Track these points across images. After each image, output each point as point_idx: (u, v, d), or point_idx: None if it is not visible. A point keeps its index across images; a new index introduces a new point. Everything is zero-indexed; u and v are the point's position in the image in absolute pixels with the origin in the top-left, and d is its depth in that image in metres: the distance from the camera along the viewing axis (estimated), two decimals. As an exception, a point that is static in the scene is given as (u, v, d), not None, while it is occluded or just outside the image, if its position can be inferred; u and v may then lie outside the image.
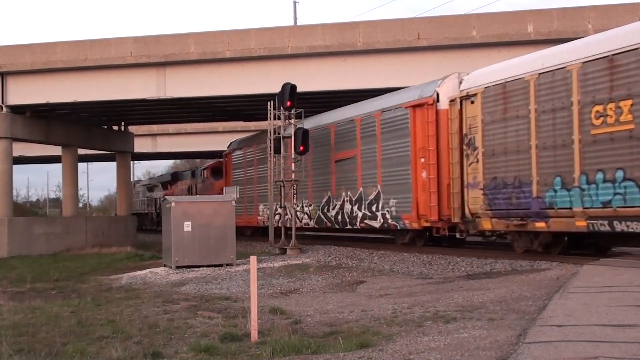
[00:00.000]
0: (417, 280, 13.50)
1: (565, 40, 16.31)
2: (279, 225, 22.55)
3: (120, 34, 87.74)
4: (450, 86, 16.67)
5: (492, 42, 22.38)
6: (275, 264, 17.81)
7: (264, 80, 24.56)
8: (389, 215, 18.60)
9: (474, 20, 22.92)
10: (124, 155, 37.19)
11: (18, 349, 8.32)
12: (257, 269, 9.38)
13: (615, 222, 12.08)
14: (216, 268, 17.80)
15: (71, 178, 34.58)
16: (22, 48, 27.18)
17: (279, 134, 22.00)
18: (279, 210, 22.53)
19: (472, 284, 11.71)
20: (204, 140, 46.81)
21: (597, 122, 12.36)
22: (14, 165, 30.72)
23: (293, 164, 21.58)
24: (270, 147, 22.41)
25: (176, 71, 25.75)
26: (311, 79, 24.08)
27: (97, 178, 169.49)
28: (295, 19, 42.51)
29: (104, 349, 8.15)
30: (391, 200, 18.49)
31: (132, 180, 63.82)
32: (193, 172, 43.01)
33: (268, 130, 22.68)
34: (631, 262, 12.19)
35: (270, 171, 22.58)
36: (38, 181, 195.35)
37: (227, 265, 18.13)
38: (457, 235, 16.65)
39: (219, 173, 35.37)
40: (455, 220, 16.06)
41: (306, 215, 23.51)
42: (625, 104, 11.86)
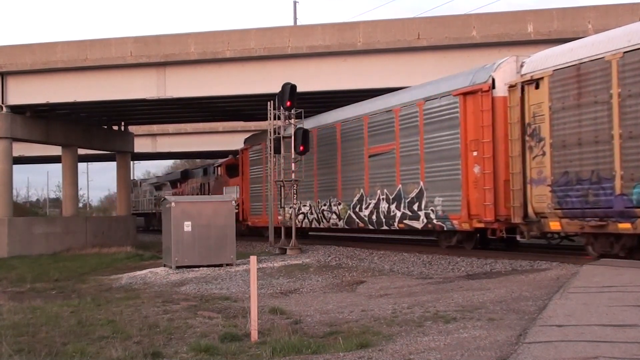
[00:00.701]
0: (417, 280, 13.50)
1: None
2: (302, 225, 21.88)
3: (120, 34, 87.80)
4: (507, 70, 15.07)
5: (492, 42, 22.38)
6: (275, 264, 17.81)
7: (264, 80, 24.57)
8: (433, 215, 16.93)
9: (474, 20, 22.93)
10: (124, 155, 37.21)
11: (18, 349, 8.32)
12: (257, 269, 9.38)
13: None
14: (216, 268, 17.80)
15: (71, 178, 34.59)
16: (22, 48, 27.19)
17: (279, 134, 22.01)
18: (302, 209, 21.80)
19: (472, 284, 11.71)
20: (204, 140, 46.83)
21: None
22: (14, 165, 30.73)
23: (293, 164, 21.56)
24: (270, 147, 22.40)
25: (176, 71, 25.76)
26: (311, 79, 24.08)
27: (97, 178, 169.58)
28: (295, 19, 42.54)
29: (104, 349, 8.14)
30: (436, 198, 16.85)
31: (139, 179, 63.54)
32: (205, 170, 40.79)
33: (268, 130, 22.66)
34: (631, 262, 12.18)
35: (271, 171, 22.56)
36: (38, 181, 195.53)
37: (227, 265, 18.13)
38: (518, 237, 14.91)
39: (234, 170, 33.48)
40: (516, 220, 14.40)
41: (334, 215, 21.71)
42: None
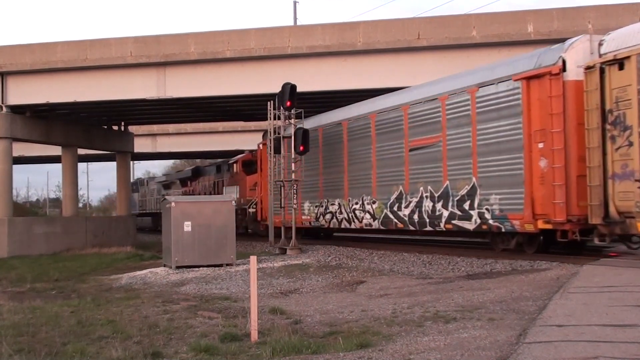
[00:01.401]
0: (417, 280, 13.50)
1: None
2: (329, 225, 21.08)
3: (120, 34, 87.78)
4: (580, 50, 13.50)
5: (492, 42, 22.40)
6: (275, 264, 17.81)
7: (264, 80, 24.57)
8: (489, 215, 15.19)
9: (474, 20, 22.93)
10: (124, 155, 37.22)
11: (18, 349, 8.32)
12: (257, 269, 9.38)
13: None
14: (216, 268, 17.79)
15: (71, 178, 34.62)
16: (22, 48, 27.20)
17: (278, 134, 22.01)
18: (330, 208, 20.96)
19: (472, 284, 11.71)
20: (204, 140, 46.86)
21: None
22: (14, 165, 30.75)
23: (293, 164, 21.54)
24: (270, 147, 22.39)
25: (176, 71, 25.76)
26: (311, 79, 24.09)
27: (97, 178, 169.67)
28: (295, 19, 42.55)
29: (104, 349, 8.14)
30: (492, 195, 15.10)
31: (145, 177, 62.94)
32: (219, 167, 38.52)
33: (268, 130, 22.65)
34: (631, 262, 12.19)
35: (271, 171, 22.54)
36: (38, 181, 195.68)
37: (227, 265, 18.13)
38: (596, 240, 13.05)
39: (251, 167, 31.79)
40: (594, 221, 12.68)
41: (368, 215, 19.87)
42: None
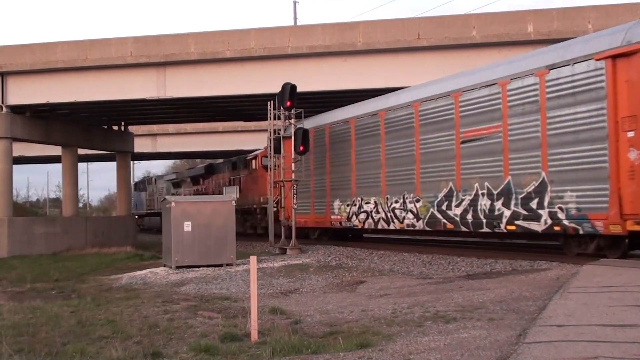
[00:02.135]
0: (417, 280, 13.50)
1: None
2: (363, 226, 19.92)
3: (120, 34, 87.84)
4: None
5: (492, 42, 22.40)
6: (275, 264, 17.81)
7: (264, 80, 24.58)
8: (562, 215, 13.47)
9: (474, 20, 22.94)
10: (124, 155, 37.23)
11: (18, 349, 8.32)
12: (257, 269, 9.37)
13: None
14: (216, 268, 17.79)
15: (71, 178, 34.63)
16: (22, 48, 27.21)
17: (278, 134, 22.02)
18: (364, 207, 19.80)
19: (472, 284, 11.71)
20: (204, 140, 46.89)
21: None
22: (14, 165, 30.74)
23: (293, 164, 21.57)
24: (270, 147, 22.40)
25: (176, 71, 25.77)
26: (311, 79, 24.09)
27: (97, 178, 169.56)
28: (295, 19, 42.57)
29: (104, 349, 8.14)
30: (567, 192, 13.40)
31: (154, 175, 62.30)
32: (234, 164, 36.16)
33: (268, 130, 22.65)
34: (631, 262, 12.18)
35: (270, 171, 22.55)
36: (38, 181, 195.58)
37: (227, 265, 18.13)
38: None
39: None
40: None
41: (410, 214, 18.05)
42: None
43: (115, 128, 36.32)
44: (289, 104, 21.04)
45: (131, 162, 42.87)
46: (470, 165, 15.90)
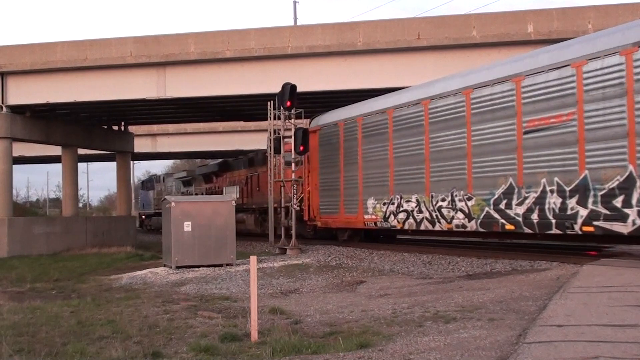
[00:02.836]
0: (417, 280, 13.50)
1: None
2: (402, 226, 18.09)
3: (120, 34, 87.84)
4: None
5: (492, 42, 22.39)
6: (275, 264, 17.81)
7: (264, 80, 24.58)
8: None
9: (474, 20, 22.93)
10: (124, 155, 37.23)
11: (18, 349, 8.32)
12: (257, 269, 9.38)
13: None
14: (216, 268, 17.80)
15: (71, 178, 34.62)
16: (22, 48, 27.21)
17: (279, 134, 22.02)
18: (404, 206, 18.00)
19: (472, 284, 11.71)
20: (204, 140, 46.89)
21: None
22: (14, 165, 30.75)
23: (293, 164, 21.54)
24: (270, 147, 22.40)
25: (176, 71, 25.77)
26: (311, 79, 24.09)
27: (97, 178, 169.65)
28: (295, 19, 42.56)
29: (104, 349, 8.14)
30: None
31: (162, 173, 61.49)
32: (251, 160, 32.99)
33: (268, 130, 22.63)
34: (631, 262, 12.18)
35: (270, 171, 22.53)
36: (38, 181, 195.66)
37: (227, 265, 18.14)
38: None
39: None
40: None
41: (460, 214, 16.14)
42: None
43: (115, 128, 36.31)
44: (289, 104, 21.04)
45: (131, 162, 42.90)
46: (535, 158, 14.01)
